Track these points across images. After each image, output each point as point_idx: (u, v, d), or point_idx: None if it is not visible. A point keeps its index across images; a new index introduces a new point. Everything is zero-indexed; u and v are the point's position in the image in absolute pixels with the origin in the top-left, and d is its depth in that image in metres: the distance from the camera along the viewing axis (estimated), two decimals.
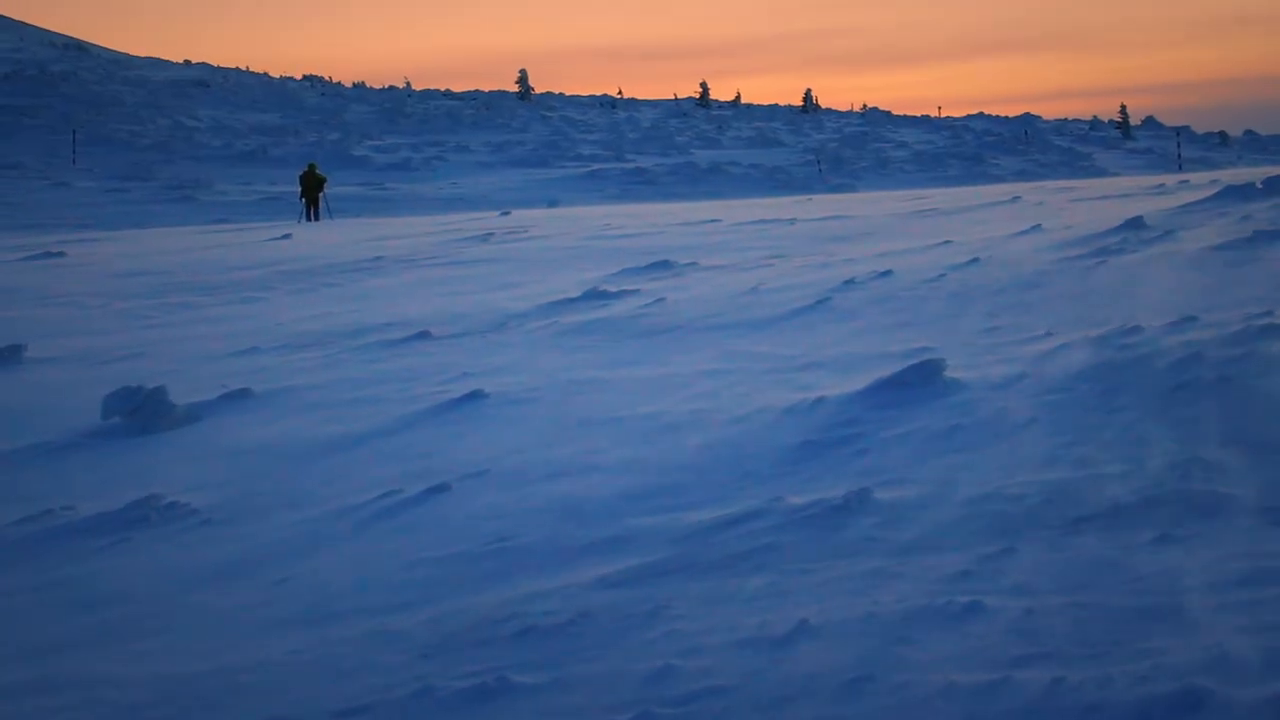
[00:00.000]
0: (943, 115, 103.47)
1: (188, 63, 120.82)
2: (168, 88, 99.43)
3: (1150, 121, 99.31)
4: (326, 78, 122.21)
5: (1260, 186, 23.27)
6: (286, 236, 32.99)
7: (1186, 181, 34.56)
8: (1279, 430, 8.28)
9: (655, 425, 10.15)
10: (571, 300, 17.45)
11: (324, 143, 78.44)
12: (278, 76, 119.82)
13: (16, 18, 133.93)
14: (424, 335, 15.39)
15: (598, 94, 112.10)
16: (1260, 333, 10.41)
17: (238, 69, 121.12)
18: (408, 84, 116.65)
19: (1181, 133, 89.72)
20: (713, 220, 31.31)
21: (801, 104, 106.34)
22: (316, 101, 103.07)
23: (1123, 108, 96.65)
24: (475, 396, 11.55)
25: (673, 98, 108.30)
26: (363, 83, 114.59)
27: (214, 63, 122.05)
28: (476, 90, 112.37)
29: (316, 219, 47.06)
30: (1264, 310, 11.55)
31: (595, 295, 17.60)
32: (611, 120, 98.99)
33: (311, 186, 48.49)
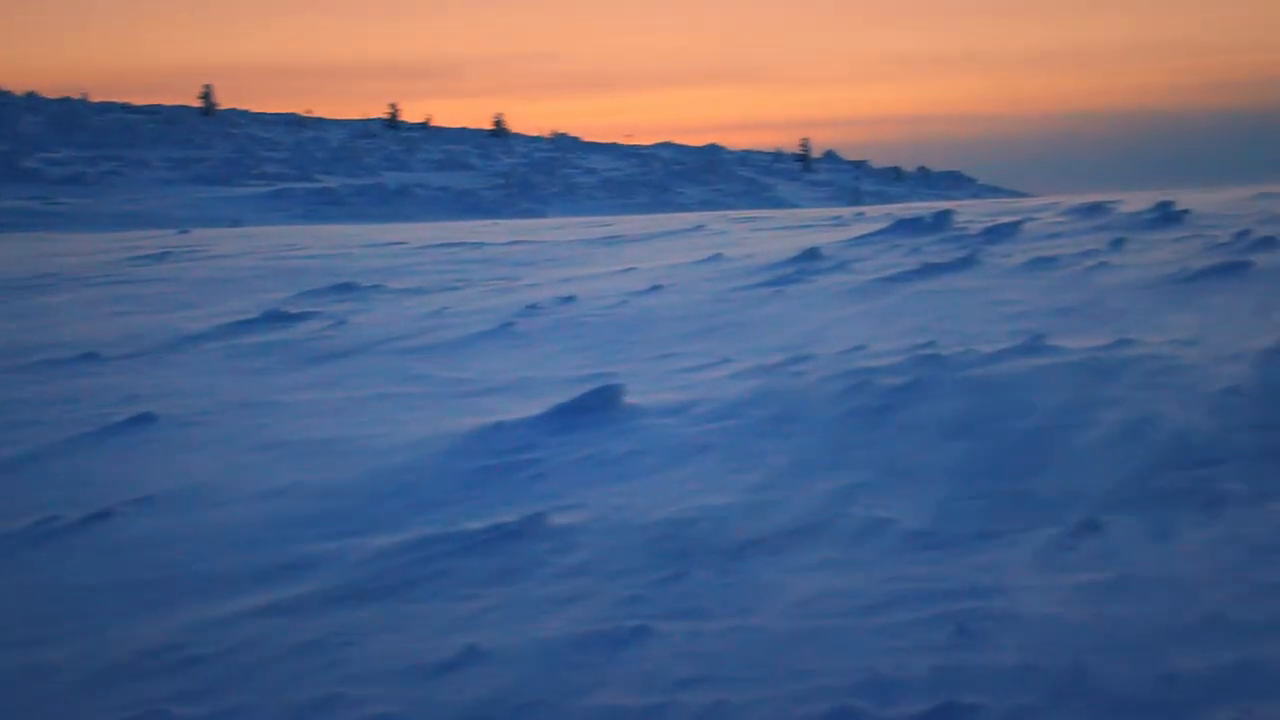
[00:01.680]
0: (631, 143, 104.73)
1: None
2: None
3: (831, 155, 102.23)
4: None
5: (930, 220, 24.24)
6: None
7: (862, 214, 35.69)
8: (935, 457, 8.62)
9: (331, 449, 9.99)
10: (250, 321, 17.05)
11: None
12: None
13: None
14: (91, 356, 14.83)
15: (285, 112, 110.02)
16: (923, 362, 10.84)
17: None
18: (84, 95, 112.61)
19: (860, 166, 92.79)
20: (399, 243, 31.03)
21: (492, 128, 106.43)
22: None
23: (804, 141, 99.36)
24: (144, 419, 11.18)
25: (362, 118, 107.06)
26: (34, 92, 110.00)
27: None
28: (158, 105, 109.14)
29: None
30: (927, 340, 12.02)
31: (275, 317, 17.24)
32: (298, 139, 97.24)
33: None
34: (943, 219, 24.32)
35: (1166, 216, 22.75)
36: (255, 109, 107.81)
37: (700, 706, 5.17)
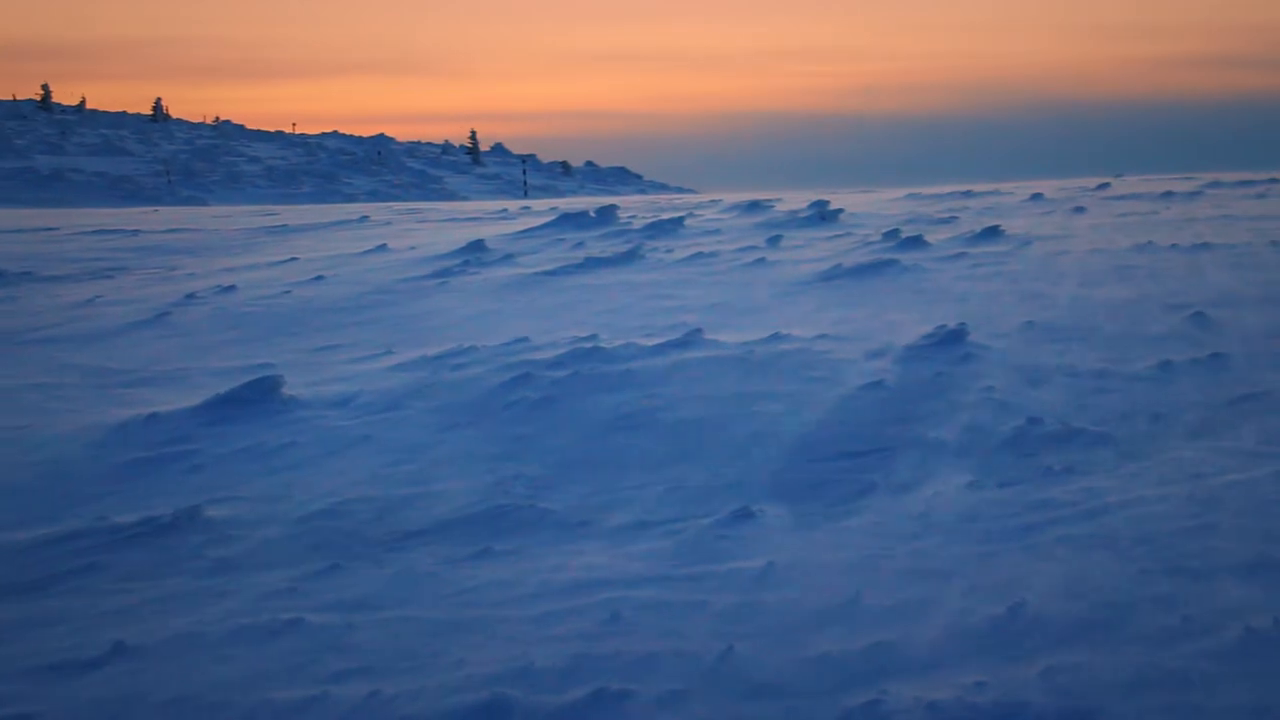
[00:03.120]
0: (297, 131, 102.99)
1: None
2: None
3: (499, 148, 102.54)
4: None
5: (594, 215, 24.56)
6: None
7: (528, 208, 35.94)
8: (595, 448, 8.75)
9: None
10: None
11: None
12: None
13: None
14: None
15: None
16: (585, 355, 10.97)
17: None
18: None
19: (528, 160, 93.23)
20: (51, 229, 29.92)
21: (151, 113, 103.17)
22: None
23: (473, 133, 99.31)
24: None
25: (11, 99, 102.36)
26: None
27: None
28: None
29: None
30: (590, 334, 12.18)
31: None
32: None
33: None
34: (607, 214, 24.67)
35: (822, 215, 23.60)
36: None
37: (354, 698, 5.13)
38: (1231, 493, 7.07)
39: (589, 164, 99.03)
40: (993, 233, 19.62)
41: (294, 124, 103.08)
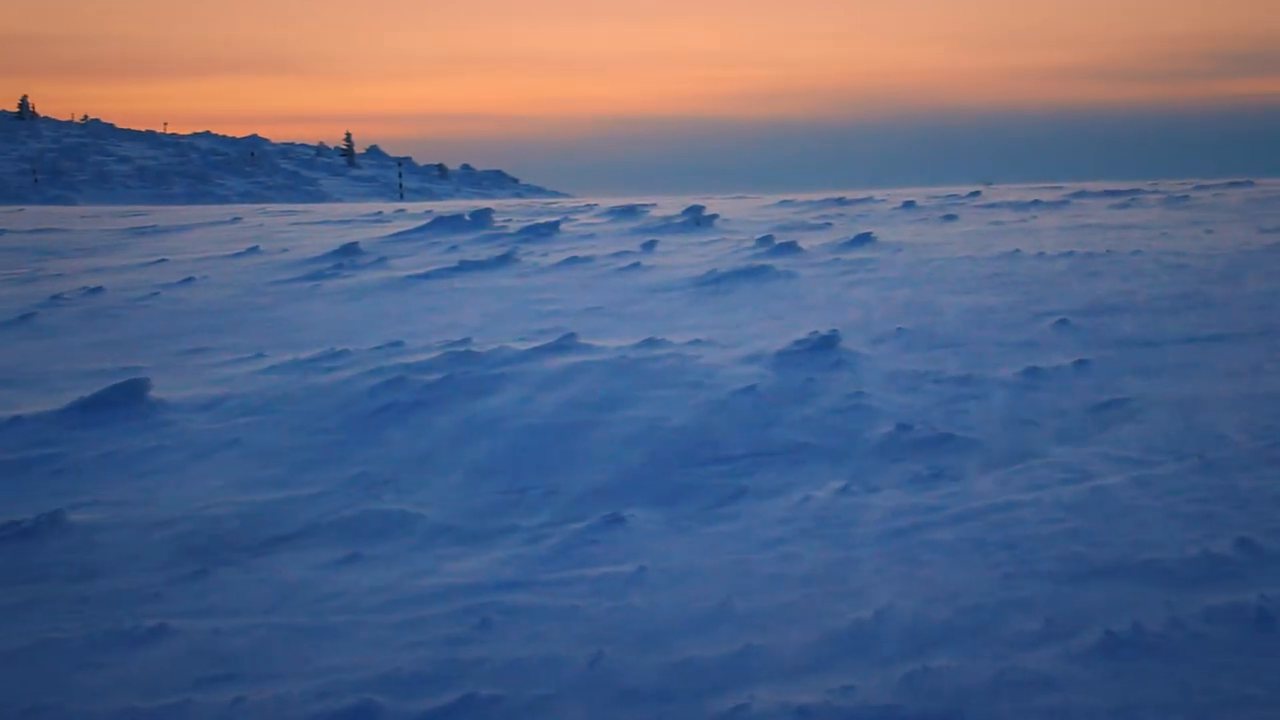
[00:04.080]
0: (169, 131, 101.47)
1: None
2: None
3: (375, 150, 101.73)
4: None
5: (469, 219, 24.48)
6: None
7: (403, 210, 35.71)
8: (467, 452, 8.71)
9: None
10: None
11: None
12: None
13: None
14: None
15: None
16: (458, 359, 10.92)
17: None
18: None
19: (404, 163, 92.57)
20: None
21: (17, 110, 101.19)
22: None
23: (348, 135, 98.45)
24: None
25: None
26: None
27: None
28: None
29: None
30: (463, 337, 12.13)
31: None
32: None
33: None
34: (482, 217, 24.61)
35: (697, 220, 23.71)
36: None
37: (218, 706, 5.07)
38: (1094, 498, 7.19)
39: (465, 167, 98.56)
40: (865, 239, 19.84)
41: (165, 123, 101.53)
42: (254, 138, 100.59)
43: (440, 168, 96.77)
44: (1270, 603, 5.59)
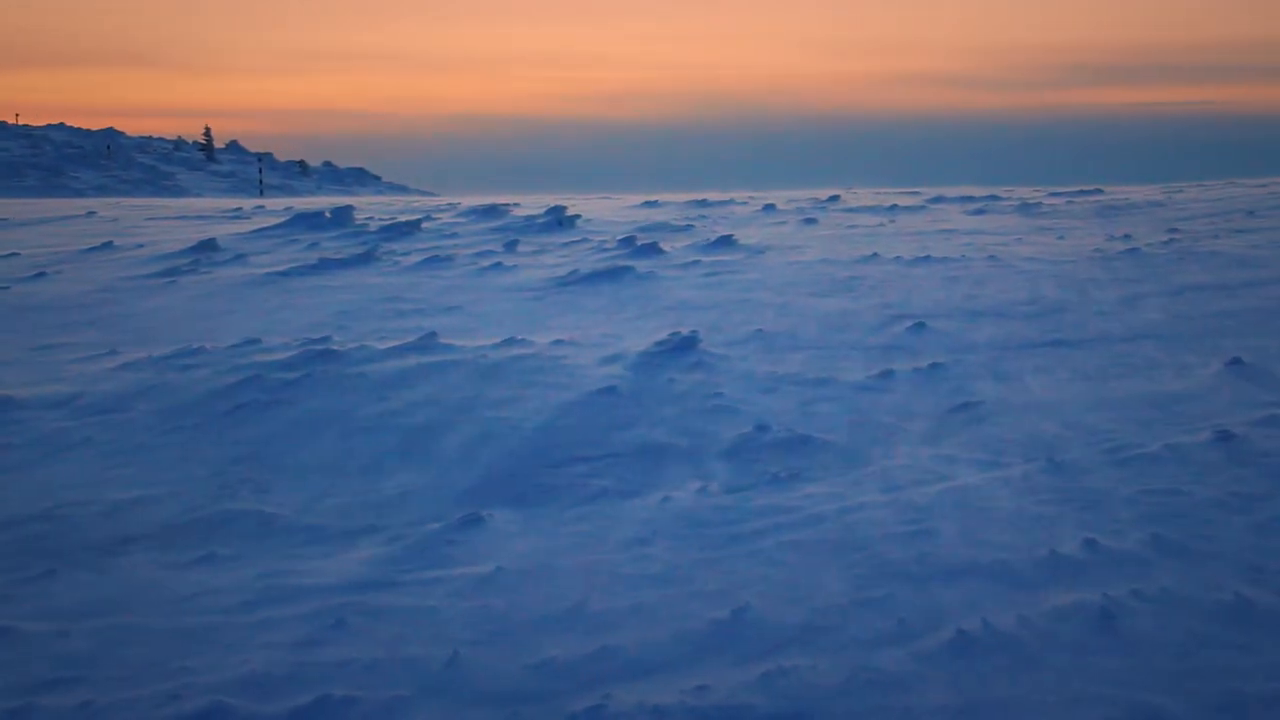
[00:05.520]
0: (20, 123, 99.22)
1: None
2: None
3: (234, 145, 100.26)
4: None
5: (329, 216, 24.25)
6: None
7: (262, 207, 35.28)
8: (325, 452, 8.64)
9: None
10: None
11: None
12: None
13: None
14: None
15: None
16: (316, 357, 10.82)
17: None
18: None
19: (264, 159, 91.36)
20: None
21: None
22: None
23: (207, 130, 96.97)
24: None
25: None
26: None
27: None
28: None
29: None
30: (322, 336, 12.03)
31: None
32: None
33: None
34: (343, 215, 24.39)
35: (559, 221, 23.69)
36: None
37: (64, 709, 4.98)
38: (946, 499, 7.32)
39: (327, 164, 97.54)
40: (726, 242, 19.96)
41: (16, 114, 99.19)
42: (110, 131, 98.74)
43: (302, 164, 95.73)
44: (1113, 602, 5.73)
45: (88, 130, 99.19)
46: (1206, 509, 7.00)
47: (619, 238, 20.58)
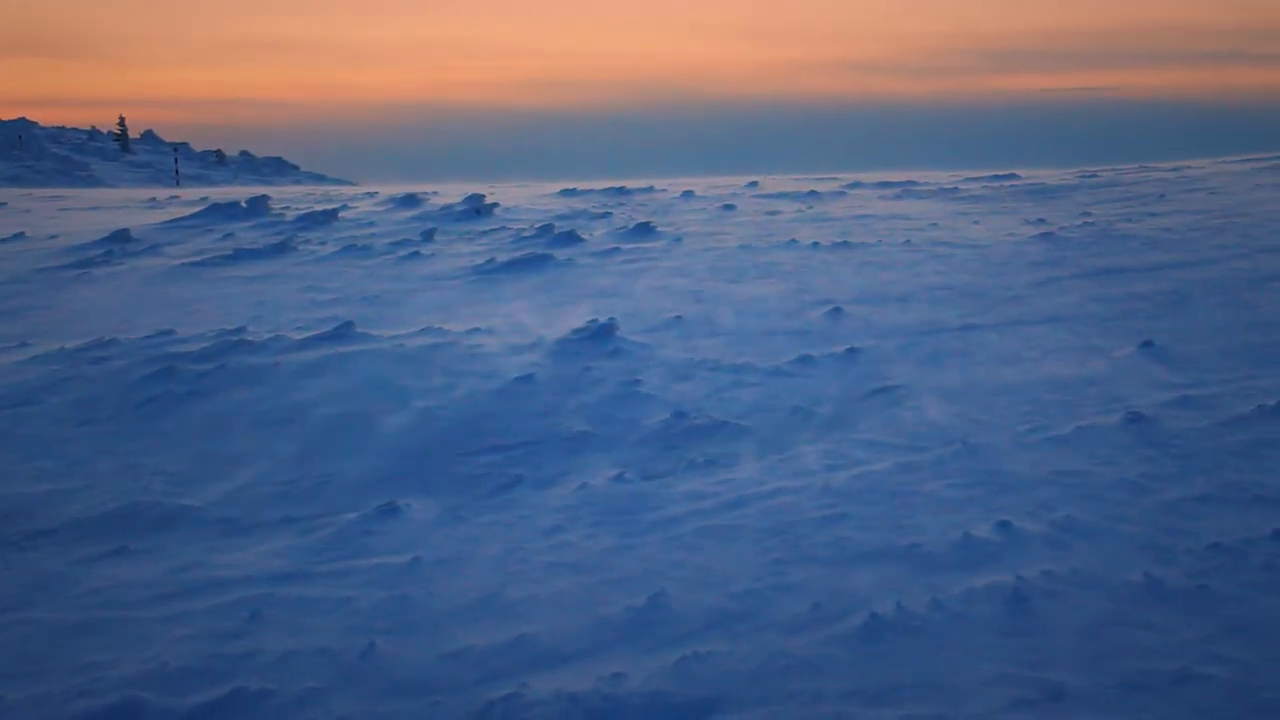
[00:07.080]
0: None
1: None
2: None
3: (150, 135, 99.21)
4: None
5: (245, 206, 24.05)
6: None
7: (177, 197, 34.95)
8: (241, 443, 8.58)
9: None
10: None
11: None
12: None
13: None
14: None
15: None
16: (231, 348, 10.74)
17: None
18: None
19: (180, 149, 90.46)
20: None
21: None
22: None
23: (122, 120, 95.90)
24: None
25: None
26: None
27: None
28: None
29: None
30: (237, 326, 11.93)
31: None
32: None
33: None
34: (258, 204, 24.19)
35: (477, 209, 23.60)
36: None
37: None
38: (861, 483, 7.36)
39: (244, 154, 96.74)
40: (645, 229, 19.95)
41: None
42: (22, 120, 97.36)
43: (218, 154, 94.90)
44: (1025, 583, 5.78)
45: (1, 120, 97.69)
46: (1117, 490, 7.08)
47: (537, 226, 20.54)
